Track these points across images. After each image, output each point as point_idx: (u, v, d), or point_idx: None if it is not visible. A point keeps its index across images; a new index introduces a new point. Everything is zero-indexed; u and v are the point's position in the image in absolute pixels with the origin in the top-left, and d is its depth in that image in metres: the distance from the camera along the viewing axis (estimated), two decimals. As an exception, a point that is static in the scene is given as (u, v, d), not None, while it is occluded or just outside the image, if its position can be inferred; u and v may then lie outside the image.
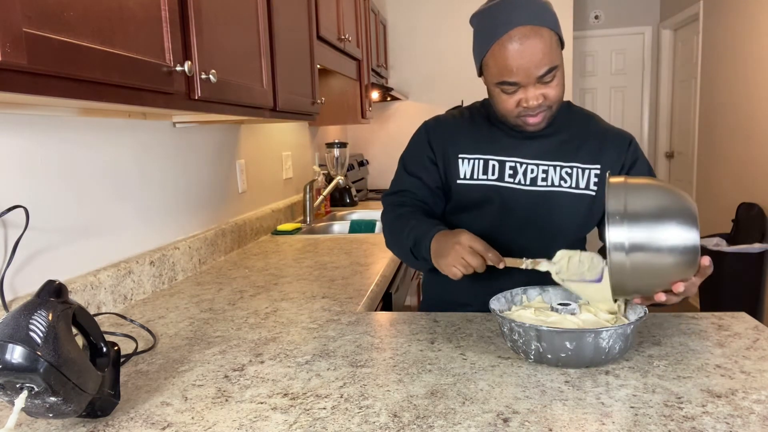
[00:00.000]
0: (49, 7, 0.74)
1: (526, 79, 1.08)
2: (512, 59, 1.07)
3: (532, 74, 1.08)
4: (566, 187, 1.20)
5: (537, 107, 1.11)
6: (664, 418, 0.73)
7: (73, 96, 0.80)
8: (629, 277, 0.88)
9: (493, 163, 1.22)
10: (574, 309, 0.98)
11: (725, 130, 3.91)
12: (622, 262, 0.87)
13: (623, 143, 1.23)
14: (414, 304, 2.38)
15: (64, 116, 1.23)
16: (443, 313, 1.19)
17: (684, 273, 0.89)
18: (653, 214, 0.88)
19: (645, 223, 0.87)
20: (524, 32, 1.06)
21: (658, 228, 0.86)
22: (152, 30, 0.99)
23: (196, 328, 1.18)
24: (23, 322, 0.68)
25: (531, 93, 1.10)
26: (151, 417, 0.80)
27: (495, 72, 1.11)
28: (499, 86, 1.12)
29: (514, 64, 1.07)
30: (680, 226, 0.86)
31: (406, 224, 1.20)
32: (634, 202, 0.89)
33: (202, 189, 1.83)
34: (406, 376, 0.88)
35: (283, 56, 1.66)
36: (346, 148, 3.02)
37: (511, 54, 1.07)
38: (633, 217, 0.87)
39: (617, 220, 0.87)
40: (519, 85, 1.10)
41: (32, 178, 1.15)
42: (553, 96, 1.12)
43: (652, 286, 0.91)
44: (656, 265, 0.87)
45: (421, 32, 4.17)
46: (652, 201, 0.90)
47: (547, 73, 1.08)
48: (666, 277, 0.89)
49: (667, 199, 0.90)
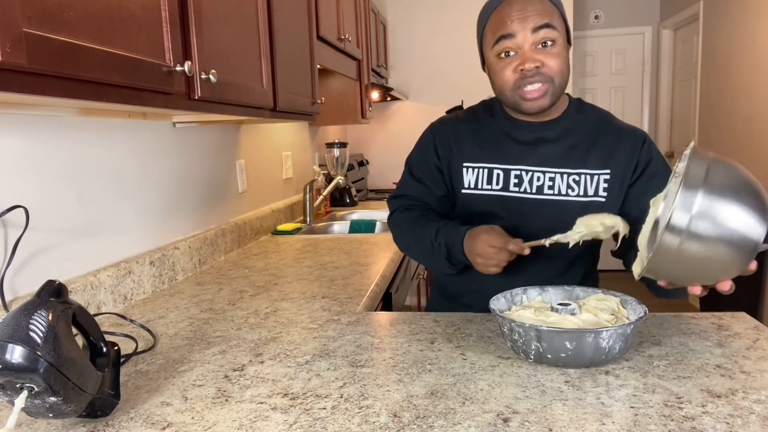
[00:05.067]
0: (49, 7, 0.74)
1: (522, 33, 1.07)
2: (507, 14, 1.08)
3: (527, 25, 1.06)
4: (574, 195, 1.17)
5: (534, 72, 1.08)
6: (664, 418, 0.73)
7: (73, 96, 0.81)
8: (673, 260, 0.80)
9: (497, 172, 1.19)
10: (574, 309, 0.98)
11: (725, 130, 3.91)
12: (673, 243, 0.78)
13: (636, 142, 1.18)
14: (414, 304, 2.38)
15: (64, 116, 1.23)
16: (443, 313, 1.19)
17: (733, 271, 0.81)
18: (732, 192, 0.78)
19: (718, 209, 0.77)
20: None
21: (731, 208, 0.77)
22: (152, 30, 0.99)
23: (196, 328, 1.18)
24: (23, 322, 0.68)
25: (528, 54, 1.07)
26: (151, 417, 0.80)
27: (490, 37, 1.11)
28: (495, 49, 1.10)
29: (509, 18, 1.07)
30: (753, 215, 0.78)
31: (428, 230, 1.19)
32: (714, 187, 0.78)
33: (202, 189, 1.83)
34: (406, 376, 0.88)
35: (283, 56, 1.66)
36: (346, 148, 3.02)
37: (507, 11, 1.08)
38: (707, 200, 0.77)
39: (688, 200, 0.77)
40: (514, 39, 1.08)
41: (32, 178, 1.15)
42: (553, 65, 1.08)
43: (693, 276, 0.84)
44: (710, 258, 0.79)
45: (421, 32, 4.17)
46: (734, 186, 0.79)
47: (543, 27, 1.06)
48: (713, 272, 0.82)
49: (746, 192, 0.80)
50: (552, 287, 1.08)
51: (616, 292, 1.03)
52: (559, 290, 1.08)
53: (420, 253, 1.25)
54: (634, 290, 1.17)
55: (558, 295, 1.07)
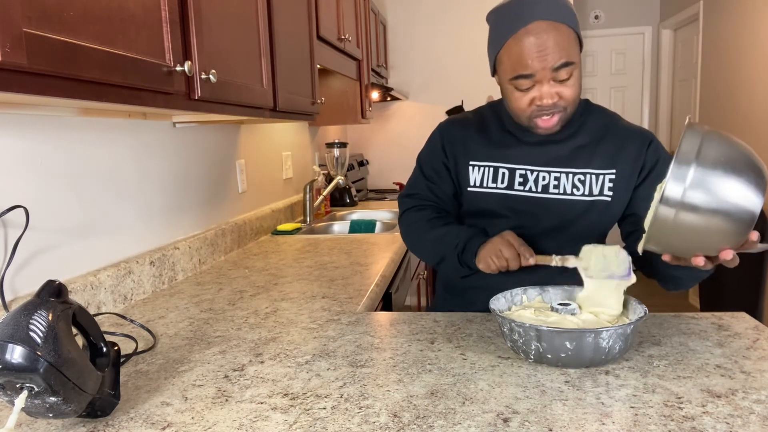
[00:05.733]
0: (49, 7, 0.74)
1: (541, 72, 1.05)
2: (527, 52, 1.04)
3: (547, 66, 1.04)
4: (579, 195, 1.17)
5: (551, 106, 1.08)
6: (664, 418, 0.73)
7: (73, 96, 0.80)
8: (671, 232, 0.82)
9: (503, 171, 1.20)
10: (574, 309, 0.98)
11: (725, 129, 3.90)
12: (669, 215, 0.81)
13: (643, 143, 1.18)
14: (414, 304, 2.38)
15: (64, 116, 1.23)
16: (443, 313, 1.19)
17: (733, 241, 0.83)
18: (725, 170, 0.80)
19: (712, 179, 0.80)
20: (542, 26, 1.03)
21: (723, 188, 0.80)
22: (152, 30, 0.99)
23: (196, 328, 1.18)
24: (23, 322, 0.68)
25: (545, 90, 1.06)
26: (151, 417, 0.80)
27: (509, 67, 1.08)
28: (512, 82, 1.09)
29: (529, 57, 1.04)
30: (747, 190, 0.79)
31: (450, 230, 1.21)
32: (709, 152, 0.81)
33: (202, 189, 1.83)
34: (406, 376, 0.88)
35: (283, 56, 1.66)
36: (346, 148, 3.02)
37: (527, 47, 1.04)
38: (702, 169, 0.80)
39: (681, 171, 0.80)
40: (533, 78, 1.06)
41: (32, 178, 1.15)
42: (569, 96, 1.08)
43: (695, 247, 0.85)
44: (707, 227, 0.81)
45: (421, 32, 4.17)
46: (728, 155, 0.82)
47: (563, 66, 1.04)
48: (713, 242, 0.83)
49: (744, 157, 0.82)
50: (552, 287, 1.08)
51: None
52: (559, 290, 1.08)
53: (430, 251, 1.26)
54: (634, 290, 1.18)
55: (558, 295, 1.08)
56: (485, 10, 1.34)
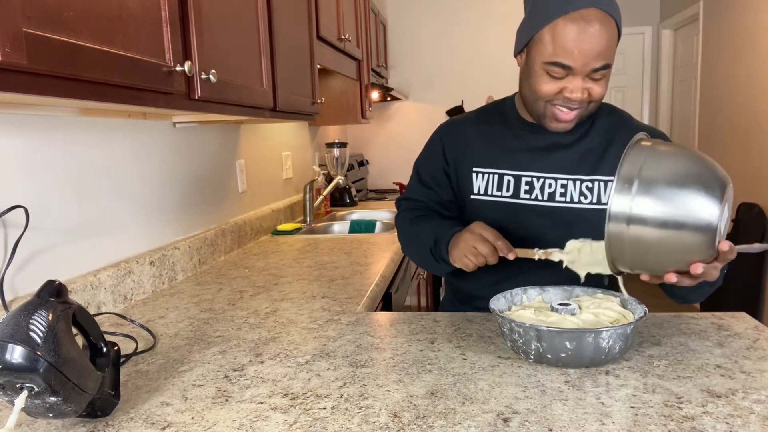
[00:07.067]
0: (49, 7, 0.74)
1: (581, 67, 1.00)
2: (575, 40, 0.98)
3: (589, 64, 1.00)
4: (587, 203, 1.13)
5: (578, 102, 1.04)
6: (664, 418, 0.73)
7: (73, 96, 0.80)
8: (629, 249, 0.83)
9: (508, 179, 1.17)
10: (574, 309, 0.98)
11: (725, 130, 3.91)
12: (620, 232, 0.82)
13: None
14: (414, 304, 2.38)
15: (64, 116, 1.23)
16: (443, 313, 1.19)
17: (697, 253, 0.82)
18: (669, 182, 0.81)
19: (657, 191, 0.81)
20: (597, 15, 0.98)
21: (671, 198, 0.80)
22: (152, 30, 0.99)
23: (196, 328, 1.18)
24: (23, 322, 0.68)
25: (578, 84, 1.02)
26: (151, 417, 0.80)
27: (549, 49, 1.01)
28: (546, 66, 1.03)
29: (576, 47, 0.98)
30: (697, 200, 0.79)
31: (424, 226, 1.17)
32: (652, 166, 0.82)
33: (202, 189, 1.83)
34: (406, 376, 0.88)
35: (283, 56, 1.66)
36: (346, 148, 3.02)
37: (576, 34, 0.98)
38: (644, 184, 0.81)
39: (625, 185, 0.82)
40: (570, 71, 1.01)
41: (32, 178, 1.15)
42: (597, 94, 1.05)
43: (661, 263, 0.85)
44: (663, 241, 0.81)
45: (421, 32, 4.17)
46: (673, 168, 0.82)
47: (602, 68, 1.01)
48: (676, 255, 0.83)
49: (691, 167, 0.82)
50: (552, 287, 1.08)
51: (616, 293, 1.03)
52: (559, 290, 1.08)
53: (413, 250, 1.25)
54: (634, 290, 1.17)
55: (558, 295, 1.07)
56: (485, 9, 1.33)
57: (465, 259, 1.04)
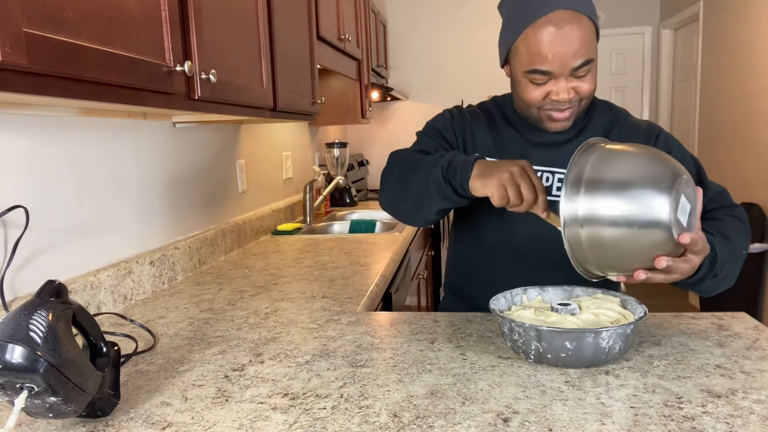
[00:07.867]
0: (49, 7, 0.74)
1: (560, 70, 1.00)
2: (548, 45, 0.99)
3: (567, 64, 1.00)
4: None
5: (567, 102, 1.04)
6: (664, 418, 0.73)
7: (73, 96, 0.81)
8: (590, 252, 0.84)
9: None
10: (574, 309, 0.98)
11: (725, 129, 3.91)
12: (576, 236, 0.83)
13: (650, 138, 1.15)
14: (414, 304, 2.38)
15: (64, 116, 1.23)
16: (443, 313, 1.19)
17: (657, 249, 0.82)
18: (615, 180, 0.81)
19: (603, 191, 0.81)
20: (564, 17, 0.98)
21: (617, 196, 0.81)
22: (152, 30, 0.99)
23: (196, 328, 1.18)
24: (23, 322, 0.68)
25: (562, 85, 1.02)
26: (151, 417, 0.80)
27: (526, 59, 1.02)
28: (528, 75, 1.04)
29: (550, 51, 0.99)
30: (644, 195, 0.80)
31: (433, 155, 1.07)
32: (598, 168, 0.83)
33: (202, 189, 1.83)
34: (406, 376, 0.88)
35: (283, 56, 1.66)
36: (346, 148, 3.02)
37: (548, 39, 0.98)
38: (591, 184, 0.82)
39: (573, 189, 0.83)
40: (551, 75, 1.02)
41: (32, 178, 1.15)
42: (585, 90, 1.04)
43: (624, 262, 0.85)
44: (619, 240, 0.81)
45: (421, 32, 4.17)
46: (619, 166, 0.83)
47: (583, 65, 1.01)
48: (637, 253, 0.83)
49: (637, 164, 0.83)
50: (552, 287, 1.08)
51: (616, 292, 1.03)
52: (559, 290, 1.08)
53: (408, 178, 1.08)
54: (634, 290, 1.17)
55: (558, 295, 1.07)
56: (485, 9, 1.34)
57: (502, 189, 0.91)
